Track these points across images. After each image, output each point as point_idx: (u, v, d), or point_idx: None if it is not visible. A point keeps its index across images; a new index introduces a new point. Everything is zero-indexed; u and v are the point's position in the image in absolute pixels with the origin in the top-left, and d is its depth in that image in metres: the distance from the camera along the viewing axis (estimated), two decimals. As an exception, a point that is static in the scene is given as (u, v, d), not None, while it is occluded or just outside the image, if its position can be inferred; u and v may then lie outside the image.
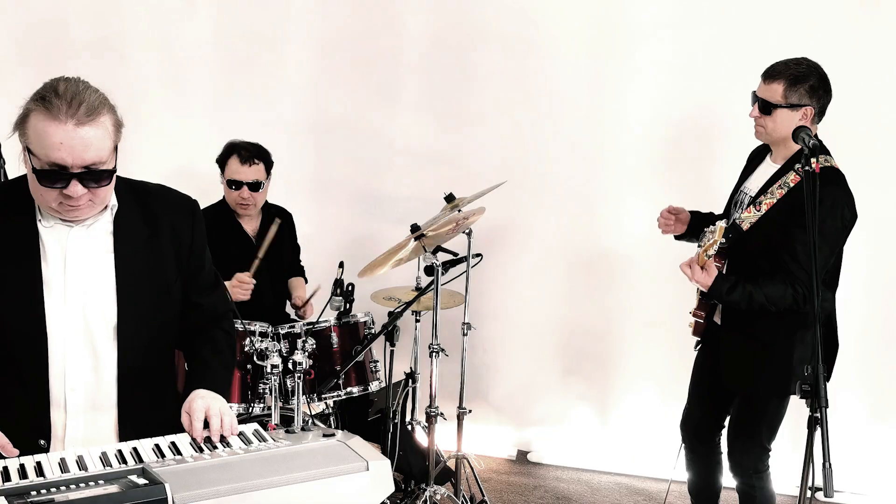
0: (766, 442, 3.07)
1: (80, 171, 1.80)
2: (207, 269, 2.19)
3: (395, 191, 4.39)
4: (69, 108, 1.76)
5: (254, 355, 3.24)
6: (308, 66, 4.35)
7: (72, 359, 1.95)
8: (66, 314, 1.94)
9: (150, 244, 2.03)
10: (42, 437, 1.95)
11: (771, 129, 2.89)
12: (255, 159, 3.62)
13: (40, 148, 1.78)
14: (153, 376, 2.07)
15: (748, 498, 3.15)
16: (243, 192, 3.62)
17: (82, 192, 1.83)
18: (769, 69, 2.88)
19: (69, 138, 1.77)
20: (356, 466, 1.78)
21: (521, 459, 4.45)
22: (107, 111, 1.84)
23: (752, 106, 2.92)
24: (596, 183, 4.20)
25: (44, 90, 1.81)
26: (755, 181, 3.03)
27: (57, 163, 1.78)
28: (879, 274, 3.92)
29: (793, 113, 2.83)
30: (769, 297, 2.80)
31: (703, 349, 3.23)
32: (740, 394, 3.09)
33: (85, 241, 1.96)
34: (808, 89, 2.81)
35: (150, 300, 2.02)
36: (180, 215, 2.10)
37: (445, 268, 3.48)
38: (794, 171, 2.85)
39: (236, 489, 1.64)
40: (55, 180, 1.81)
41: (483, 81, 4.22)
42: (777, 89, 2.83)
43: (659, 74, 4.00)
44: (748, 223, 2.90)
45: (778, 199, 2.86)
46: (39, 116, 1.78)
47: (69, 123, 1.77)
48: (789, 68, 2.83)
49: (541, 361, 4.43)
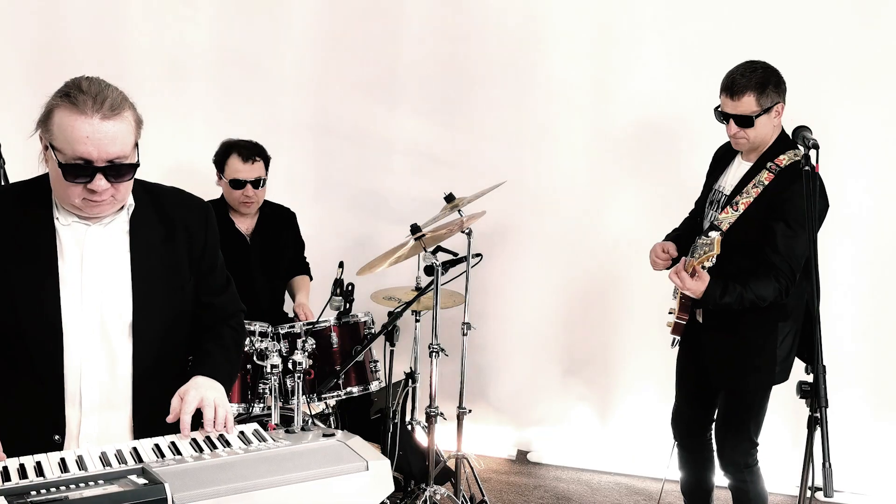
0: (754, 435, 3.11)
1: (104, 164, 1.84)
2: (219, 269, 2.23)
3: (395, 191, 4.39)
4: (94, 102, 1.81)
5: (253, 355, 3.24)
6: (308, 66, 4.35)
7: (87, 356, 1.97)
8: (83, 312, 1.96)
9: (166, 244, 2.07)
10: (57, 434, 1.96)
11: (753, 138, 2.93)
12: (256, 157, 3.63)
13: (66, 143, 1.82)
14: (167, 374, 2.09)
15: (741, 493, 3.18)
16: (247, 191, 3.62)
17: (106, 187, 1.86)
18: (731, 85, 2.88)
19: (94, 131, 1.81)
20: (356, 466, 1.78)
21: (520, 459, 4.45)
22: (129, 107, 1.89)
23: (726, 124, 2.93)
24: (596, 183, 4.20)
25: (67, 87, 1.85)
26: (729, 180, 3.07)
27: (82, 156, 1.82)
28: (881, 273, 3.91)
29: (769, 116, 2.89)
30: (758, 294, 2.84)
31: (684, 347, 3.26)
32: (726, 390, 3.11)
33: (102, 240, 1.99)
34: (773, 88, 2.87)
35: (165, 299, 2.05)
36: (194, 217, 2.14)
37: (445, 268, 3.48)
38: (766, 170, 2.90)
39: (236, 489, 1.64)
40: (80, 174, 1.84)
41: (483, 81, 4.22)
42: (749, 101, 2.86)
43: (660, 74, 4.00)
44: (727, 223, 2.94)
45: (754, 198, 2.90)
46: (65, 111, 1.81)
47: (95, 117, 1.80)
48: (750, 78, 2.86)
49: (541, 361, 4.43)
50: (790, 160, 2.89)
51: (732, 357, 3.04)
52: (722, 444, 3.17)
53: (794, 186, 2.78)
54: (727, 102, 2.91)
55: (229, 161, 3.63)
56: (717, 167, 3.18)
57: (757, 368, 3.01)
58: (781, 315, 2.95)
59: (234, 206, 3.69)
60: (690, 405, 3.30)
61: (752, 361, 3.02)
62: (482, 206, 3.65)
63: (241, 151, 3.62)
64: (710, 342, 3.09)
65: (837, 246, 3.82)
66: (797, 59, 3.77)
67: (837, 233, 3.82)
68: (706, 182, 3.23)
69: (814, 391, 2.22)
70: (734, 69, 2.91)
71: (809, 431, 2.22)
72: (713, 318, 3.03)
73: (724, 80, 2.92)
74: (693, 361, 3.21)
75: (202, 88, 4.39)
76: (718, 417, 3.20)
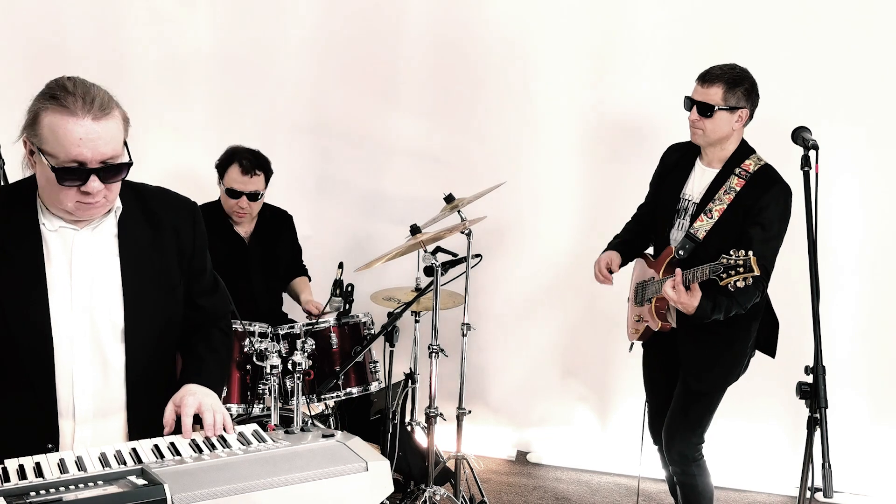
0: (705, 431, 3.18)
1: (97, 166, 1.80)
2: (209, 270, 2.19)
3: (395, 191, 4.39)
4: (84, 103, 1.77)
5: (253, 356, 3.24)
6: (308, 66, 4.35)
7: (79, 364, 1.94)
8: (73, 319, 1.92)
9: (155, 246, 2.03)
10: (50, 443, 1.93)
11: (710, 131, 2.98)
12: (256, 170, 3.58)
13: (58, 146, 1.77)
14: (160, 378, 2.07)
15: (689, 488, 3.24)
16: (241, 202, 3.60)
17: (100, 188, 1.82)
18: (706, 74, 2.98)
19: (87, 133, 1.77)
20: (355, 467, 1.77)
21: (520, 460, 4.45)
22: (116, 105, 1.85)
23: (689, 110, 3.01)
24: (595, 183, 4.20)
25: (51, 89, 1.80)
26: (695, 188, 3.10)
27: (76, 159, 1.78)
28: (881, 273, 3.91)
29: (730, 115, 2.95)
30: (743, 304, 2.90)
31: (650, 353, 3.32)
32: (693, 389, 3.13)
33: (90, 245, 1.95)
34: (744, 92, 2.94)
35: (157, 302, 2.02)
36: (182, 217, 2.10)
37: (445, 268, 3.48)
38: (735, 175, 2.97)
39: (235, 490, 1.64)
40: (75, 177, 1.80)
41: (483, 82, 4.22)
42: (717, 93, 2.93)
43: (660, 76, 4.00)
44: (703, 231, 2.98)
45: (728, 205, 2.96)
46: (54, 114, 1.77)
47: (87, 118, 1.77)
48: (726, 72, 2.95)
49: (540, 362, 4.43)
50: (756, 165, 2.98)
51: (708, 358, 3.09)
52: (671, 439, 3.21)
53: (769, 194, 2.90)
54: (697, 89, 2.99)
55: (230, 169, 3.60)
56: (671, 174, 3.20)
57: (727, 368, 3.10)
58: (754, 315, 3.04)
59: (228, 213, 3.68)
60: (665, 410, 3.31)
61: (726, 361, 3.09)
62: (482, 206, 3.65)
63: (242, 163, 3.57)
64: (687, 344, 3.11)
65: (837, 247, 3.82)
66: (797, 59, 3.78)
67: (837, 234, 3.82)
68: (656, 186, 3.28)
69: (813, 392, 2.22)
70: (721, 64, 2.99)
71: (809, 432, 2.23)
72: (689, 322, 3.03)
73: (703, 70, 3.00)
74: (662, 366, 3.27)
75: (202, 89, 4.38)
76: (672, 414, 3.23)
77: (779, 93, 3.42)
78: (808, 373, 2.26)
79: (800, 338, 2.81)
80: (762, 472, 4.09)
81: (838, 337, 3.87)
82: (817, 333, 2.28)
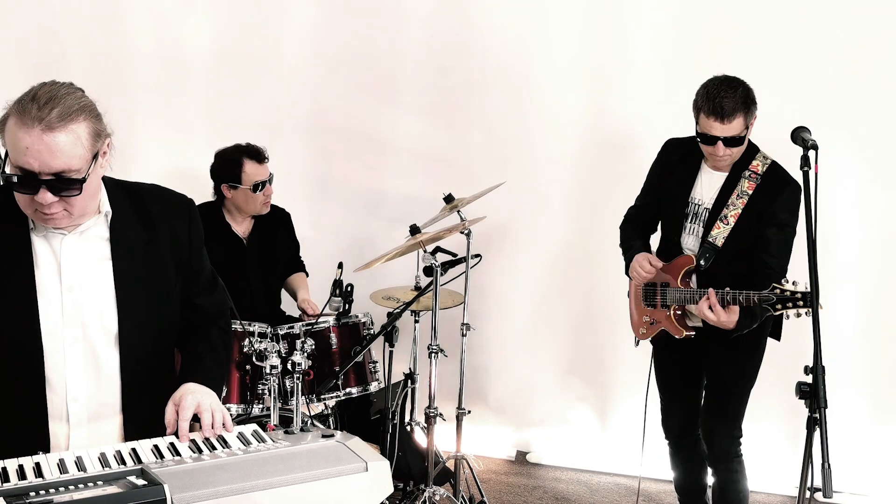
0: (741, 423, 3.19)
1: (48, 178, 1.75)
2: (206, 268, 2.17)
3: (394, 191, 4.39)
4: (39, 112, 1.72)
5: (253, 356, 3.24)
6: (308, 66, 4.35)
7: (72, 369, 1.92)
8: (64, 324, 1.90)
9: (149, 248, 2.00)
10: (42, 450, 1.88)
11: (737, 153, 2.98)
12: (265, 156, 3.68)
13: (12, 152, 1.75)
14: (156, 381, 2.05)
15: (732, 483, 3.22)
16: (267, 190, 3.67)
17: (52, 200, 1.77)
18: (720, 110, 2.84)
19: (34, 143, 1.72)
20: (355, 467, 1.77)
21: (520, 460, 4.45)
22: (84, 118, 1.78)
23: (712, 146, 2.91)
24: (595, 183, 4.20)
25: (24, 94, 1.78)
26: (705, 192, 3.08)
27: (24, 168, 1.74)
28: (881, 273, 3.91)
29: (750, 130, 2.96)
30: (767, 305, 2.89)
31: (663, 350, 3.31)
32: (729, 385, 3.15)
33: (79, 249, 1.92)
34: (753, 102, 2.92)
35: (152, 305, 1.99)
36: (177, 216, 2.07)
37: (444, 268, 3.48)
38: (745, 178, 2.97)
39: (235, 490, 1.64)
40: (24, 186, 1.76)
41: (482, 82, 4.22)
42: (739, 123, 2.89)
43: (659, 76, 4.00)
44: (721, 238, 2.99)
45: (742, 209, 2.96)
46: (12, 120, 1.75)
47: (36, 129, 1.72)
48: (737, 100, 2.86)
49: (540, 362, 4.42)
50: (764, 165, 2.98)
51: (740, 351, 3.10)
52: (713, 435, 3.21)
53: (783, 195, 2.91)
54: (715, 126, 2.87)
55: (246, 167, 3.61)
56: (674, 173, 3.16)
57: (758, 357, 3.14)
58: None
59: (257, 209, 3.69)
60: (681, 405, 3.33)
61: (754, 351, 3.12)
62: (481, 206, 3.65)
63: (252, 155, 3.64)
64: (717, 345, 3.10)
65: (837, 247, 3.82)
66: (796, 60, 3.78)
67: (836, 233, 3.82)
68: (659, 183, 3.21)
69: (813, 392, 2.22)
70: (713, 91, 2.87)
71: (809, 432, 2.22)
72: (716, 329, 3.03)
73: (706, 103, 2.87)
74: (676, 364, 3.27)
75: (202, 89, 4.38)
76: (709, 412, 3.23)
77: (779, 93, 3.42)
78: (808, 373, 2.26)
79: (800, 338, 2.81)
80: (762, 471, 4.08)
81: (838, 337, 3.87)
82: (817, 333, 2.28)
